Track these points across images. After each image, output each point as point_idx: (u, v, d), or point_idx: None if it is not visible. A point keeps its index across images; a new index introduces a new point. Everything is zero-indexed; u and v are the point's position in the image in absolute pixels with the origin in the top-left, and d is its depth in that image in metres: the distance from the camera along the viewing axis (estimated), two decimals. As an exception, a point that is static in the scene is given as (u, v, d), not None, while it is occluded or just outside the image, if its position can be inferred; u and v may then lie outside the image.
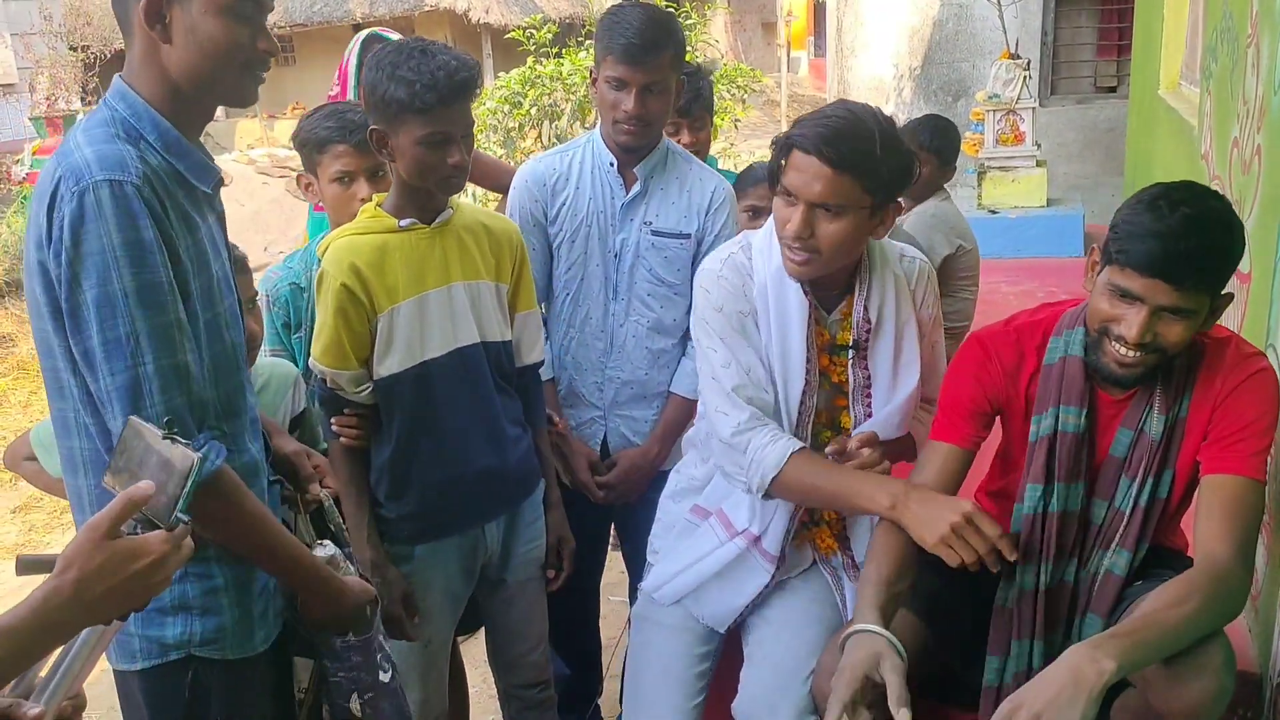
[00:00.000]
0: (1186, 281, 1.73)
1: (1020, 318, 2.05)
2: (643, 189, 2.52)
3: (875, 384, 2.04)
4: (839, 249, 1.91)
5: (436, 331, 2.16)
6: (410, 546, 2.23)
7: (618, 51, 2.35)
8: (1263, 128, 2.42)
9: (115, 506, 1.18)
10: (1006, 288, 5.66)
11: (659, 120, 2.46)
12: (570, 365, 2.61)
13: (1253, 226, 2.43)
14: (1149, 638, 1.64)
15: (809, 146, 1.85)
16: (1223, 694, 1.71)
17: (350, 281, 2.09)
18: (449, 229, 2.18)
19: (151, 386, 1.47)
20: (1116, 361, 1.83)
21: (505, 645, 2.46)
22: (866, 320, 2.02)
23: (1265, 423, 1.83)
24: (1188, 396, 1.88)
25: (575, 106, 8.18)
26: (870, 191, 1.88)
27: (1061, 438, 1.94)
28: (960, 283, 3.71)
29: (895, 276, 2.05)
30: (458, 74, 2.01)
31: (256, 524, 1.64)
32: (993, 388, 2.02)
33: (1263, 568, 2.20)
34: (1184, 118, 3.88)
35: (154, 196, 1.50)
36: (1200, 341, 1.89)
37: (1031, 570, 1.95)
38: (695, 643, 2.15)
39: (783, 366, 2.01)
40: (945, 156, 3.74)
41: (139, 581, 1.19)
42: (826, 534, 2.14)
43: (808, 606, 2.10)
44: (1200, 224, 1.73)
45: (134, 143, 1.54)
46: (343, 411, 2.15)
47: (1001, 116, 6.91)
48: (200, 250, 1.59)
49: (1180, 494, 1.92)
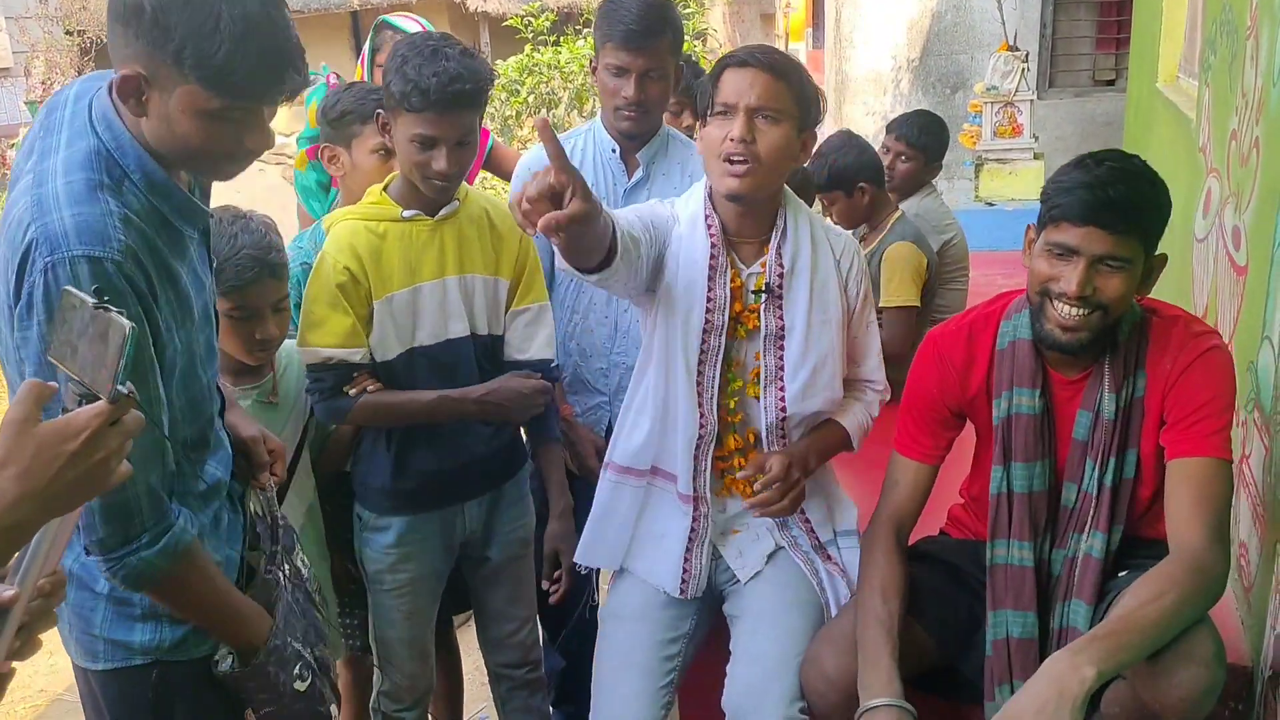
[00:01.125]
0: (1119, 226, 1.78)
1: (975, 310, 2.09)
2: (645, 174, 2.54)
3: (789, 336, 2.05)
4: (776, 159, 1.95)
5: (428, 322, 2.19)
6: (389, 518, 2.27)
7: (617, 38, 2.38)
8: (1261, 120, 2.41)
9: (22, 393, 1.09)
10: (1003, 280, 5.63)
11: (659, 106, 2.49)
12: (575, 351, 2.61)
13: (1250, 219, 2.42)
14: (1129, 639, 1.64)
15: (744, 59, 1.97)
16: (1214, 686, 1.71)
17: (351, 264, 2.13)
18: (452, 221, 2.19)
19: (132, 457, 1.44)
20: (1059, 325, 1.85)
21: (491, 625, 2.50)
22: (780, 264, 2.03)
23: (1222, 401, 1.84)
24: (1142, 376, 1.90)
25: (573, 95, 8.17)
26: (798, 102, 1.97)
27: (1016, 419, 1.97)
28: (949, 275, 3.71)
29: (815, 235, 2.08)
30: (453, 85, 2.00)
31: (214, 585, 1.62)
32: (948, 391, 2.06)
33: (1255, 560, 2.20)
34: (1182, 110, 3.88)
35: (136, 268, 1.41)
36: (1148, 319, 1.92)
37: (1003, 546, 1.97)
38: (657, 629, 2.14)
39: (686, 300, 2.03)
40: (932, 154, 3.75)
41: (82, 463, 1.09)
42: (742, 483, 2.12)
43: (784, 594, 2.11)
44: (1126, 174, 1.80)
45: (116, 184, 1.44)
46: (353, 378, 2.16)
47: (999, 109, 6.89)
48: (182, 299, 1.53)
49: (1151, 478, 1.92)
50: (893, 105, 8.83)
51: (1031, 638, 1.94)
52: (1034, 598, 1.95)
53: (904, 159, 3.73)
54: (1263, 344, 2.21)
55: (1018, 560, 1.96)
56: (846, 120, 9.08)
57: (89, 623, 1.62)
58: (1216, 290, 2.77)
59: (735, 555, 2.17)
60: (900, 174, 3.73)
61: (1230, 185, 2.70)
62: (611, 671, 2.13)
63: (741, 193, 1.96)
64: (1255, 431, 2.26)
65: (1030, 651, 1.93)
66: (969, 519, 2.24)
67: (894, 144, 3.74)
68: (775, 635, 2.05)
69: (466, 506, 2.33)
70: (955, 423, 2.11)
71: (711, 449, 2.08)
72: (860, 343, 2.15)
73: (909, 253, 3.27)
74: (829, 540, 2.17)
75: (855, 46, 9.09)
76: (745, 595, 2.15)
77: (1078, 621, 1.89)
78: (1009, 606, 1.96)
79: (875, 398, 2.18)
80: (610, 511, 2.21)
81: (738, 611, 2.15)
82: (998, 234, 6.52)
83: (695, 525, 2.11)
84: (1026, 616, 1.94)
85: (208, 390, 1.65)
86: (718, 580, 2.20)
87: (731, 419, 2.10)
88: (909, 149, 3.72)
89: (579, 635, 2.75)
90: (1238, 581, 2.36)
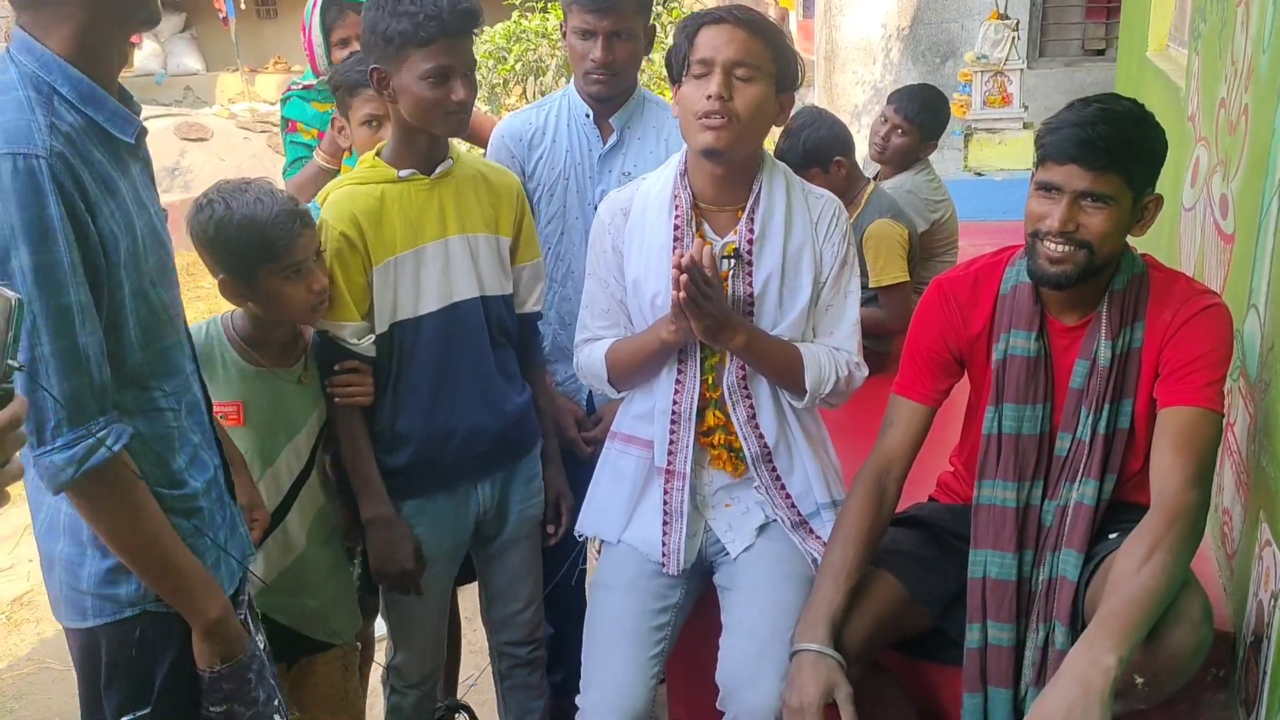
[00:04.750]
0: (1099, 163, 1.82)
1: (981, 259, 2.11)
2: (619, 139, 2.53)
3: (759, 301, 2.05)
4: (753, 116, 1.95)
5: (433, 285, 2.16)
6: (399, 501, 2.23)
7: (582, 0, 2.36)
8: (1250, 87, 2.40)
9: None
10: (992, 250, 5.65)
11: (629, 68, 2.47)
12: (554, 320, 2.61)
13: (1238, 187, 2.42)
14: (1135, 615, 1.65)
15: (720, 15, 1.96)
16: (1201, 646, 1.74)
17: (349, 230, 2.09)
18: (448, 180, 2.17)
19: (48, 368, 1.43)
20: (1047, 258, 1.89)
21: (496, 602, 2.48)
22: (750, 230, 2.03)
23: (1218, 355, 1.86)
24: (1140, 327, 1.92)
25: (560, 62, 8.11)
26: (775, 60, 1.97)
27: (1011, 361, 1.99)
28: (938, 248, 3.70)
29: (792, 198, 2.07)
30: (460, 3, 1.99)
31: (141, 517, 1.57)
32: (950, 331, 2.08)
33: (1239, 526, 2.22)
34: (1171, 79, 3.86)
35: (65, 170, 1.43)
36: (1149, 273, 1.95)
37: (989, 487, 2.00)
38: (648, 599, 2.14)
39: (653, 285, 2.05)
40: (929, 131, 3.67)
41: None
42: (724, 454, 2.14)
43: (775, 566, 2.11)
44: (1112, 115, 1.84)
45: (45, 101, 1.46)
46: (335, 370, 2.15)
47: (989, 78, 6.89)
48: (124, 211, 1.53)
49: (1144, 432, 1.94)
50: (882, 74, 8.81)
51: (1008, 579, 1.96)
52: (1014, 540, 1.97)
53: (900, 133, 3.64)
54: (1249, 312, 2.22)
55: (1000, 501, 1.99)
56: (837, 89, 9.05)
57: (76, 577, 1.63)
58: (1204, 258, 2.77)
59: (725, 529, 2.17)
60: (894, 148, 3.65)
61: (1218, 153, 2.69)
62: (602, 641, 2.13)
63: (719, 147, 1.95)
64: (1240, 399, 2.27)
65: (1006, 593, 1.96)
66: (958, 485, 2.25)
67: (892, 115, 3.65)
68: (767, 609, 2.05)
69: (479, 486, 2.30)
70: (955, 368, 2.11)
71: (692, 424, 2.09)
72: (835, 310, 2.11)
73: (890, 229, 3.24)
74: (811, 513, 2.14)
75: (845, 15, 9.05)
76: (736, 567, 2.15)
77: (1067, 570, 1.90)
78: (988, 546, 1.99)
79: (845, 359, 2.10)
80: (616, 481, 2.21)
81: (729, 583, 2.16)
82: (987, 204, 6.52)
83: (667, 499, 2.12)
84: (1005, 557, 1.97)
85: (164, 312, 1.63)
86: (708, 551, 2.20)
87: (711, 394, 2.10)
88: (906, 123, 3.62)
89: (568, 604, 2.77)
90: (1221, 549, 2.38)
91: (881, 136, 3.67)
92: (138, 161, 1.62)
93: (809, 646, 1.87)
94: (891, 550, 2.10)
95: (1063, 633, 1.88)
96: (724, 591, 2.17)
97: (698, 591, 2.24)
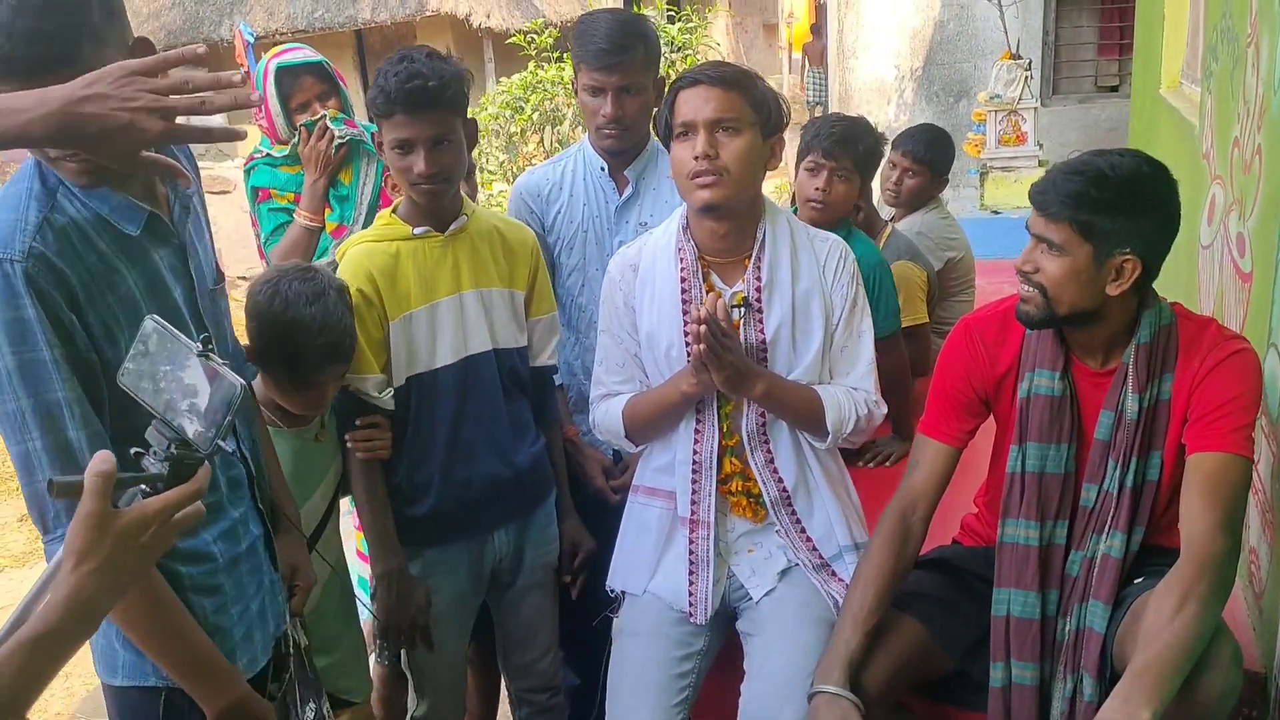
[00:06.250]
0: (1048, 209, 1.87)
1: (1010, 299, 2.12)
2: (634, 190, 2.57)
3: (773, 349, 2.08)
4: (744, 167, 2.00)
5: (448, 338, 2.20)
6: (420, 550, 2.26)
7: (590, 58, 2.42)
8: (1263, 127, 2.42)
9: (94, 485, 1.12)
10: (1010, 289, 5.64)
11: (639, 121, 2.51)
12: (580, 371, 2.64)
13: (1254, 226, 2.43)
14: (1168, 669, 1.65)
15: (694, 78, 2.02)
16: (1232, 690, 1.73)
17: (365, 287, 2.14)
18: (463, 236, 2.22)
19: (40, 461, 1.46)
20: (1019, 296, 1.97)
21: (513, 650, 2.49)
22: (758, 277, 2.06)
23: (1246, 400, 1.86)
24: (1169, 379, 1.92)
25: (577, 111, 8.19)
26: (755, 108, 2.01)
27: (1035, 399, 2.00)
28: (955, 288, 3.71)
29: (796, 242, 2.10)
30: (411, 82, 2.03)
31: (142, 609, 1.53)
32: (976, 371, 2.08)
33: (1266, 565, 2.21)
34: (1185, 117, 3.88)
35: (45, 272, 1.43)
36: (1177, 324, 1.95)
37: (1012, 525, 2.00)
38: (672, 646, 2.14)
39: (665, 337, 2.09)
40: (937, 169, 3.71)
41: (150, 550, 1.16)
42: (744, 501, 2.15)
43: (797, 610, 2.11)
44: (1093, 171, 1.86)
45: (49, 193, 1.48)
46: (355, 425, 2.17)
47: (1003, 117, 6.91)
48: (125, 303, 1.52)
49: (1174, 481, 1.93)
50: (896, 114, 8.85)
51: (1032, 618, 1.96)
52: (1036, 579, 1.96)
53: (910, 175, 3.68)
54: (1269, 351, 2.22)
55: (1024, 540, 1.98)
56: (851, 130, 9.06)
57: (109, 634, 1.64)
58: (1222, 297, 2.78)
59: (748, 574, 2.17)
60: (907, 189, 3.69)
61: (1234, 192, 2.70)
62: (626, 689, 2.14)
63: (715, 202, 1.99)
64: (1263, 438, 2.26)
65: (1029, 631, 1.95)
66: (981, 527, 2.25)
67: (899, 160, 3.69)
68: (789, 652, 2.05)
69: (495, 534, 2.33)
70: (980, 409, 2.12)
71: (714, 473, 2.11)
72: (849, 352, 2.14)
73: (910, 271, 3.26)
74: (834, 555, 2.15)
75: (858, 56, 9.13)
76: (759, 612, 2.15)
77: (1094, 622, 1.89)
78: (1011, 585, 1.98)
79: (863, 397, 2.12)
80: (640, 534, 2.23)
81: (751, 629, 2.16)
82: (1004, 241, 6.50)
83: (693, 548, 2.13)
84: (1028, 596, 1.96)
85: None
86: (731, 597, 2.20)
87: (728, 442, 2.12)
88: (915, 164, 3.66)
89: (594, 655, 2.76)
90: (1249, 588, 2.37)
91: (894, 182, 3.70)
92: (165, 247, 1.61)
93: (826, 689, 1.87)
94: (914, 593, 2.10)
95: (1090, 684, 1.87)
96: (746, 637, 2.17)
97: (721, 638, 2.24)
